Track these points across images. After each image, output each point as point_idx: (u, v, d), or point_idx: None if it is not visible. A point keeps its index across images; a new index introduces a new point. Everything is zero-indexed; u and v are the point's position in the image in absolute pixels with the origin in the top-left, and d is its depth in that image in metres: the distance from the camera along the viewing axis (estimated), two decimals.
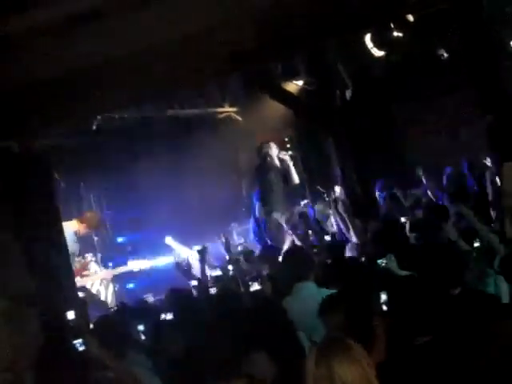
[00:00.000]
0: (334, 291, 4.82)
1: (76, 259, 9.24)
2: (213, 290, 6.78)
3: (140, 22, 5.96)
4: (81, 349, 5.11)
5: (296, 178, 10.63)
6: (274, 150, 10.72)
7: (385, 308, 4.20)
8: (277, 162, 10.61)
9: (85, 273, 9.49)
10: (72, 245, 8.67)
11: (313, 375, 3.10)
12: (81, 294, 7.55)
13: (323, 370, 3.06)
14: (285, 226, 8.97)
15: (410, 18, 10.38)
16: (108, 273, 9.91)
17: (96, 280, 9.66)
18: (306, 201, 11.81)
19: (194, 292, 7.02)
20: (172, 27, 6.03)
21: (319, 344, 3.20)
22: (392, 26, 10.50)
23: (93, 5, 5.70)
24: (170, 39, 6.12)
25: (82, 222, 9.41)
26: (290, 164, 10.59)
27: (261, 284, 6.00)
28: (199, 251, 7.58)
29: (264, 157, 10.69)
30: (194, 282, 7.25)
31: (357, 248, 7.20)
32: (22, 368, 4.89)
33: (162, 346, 5.20)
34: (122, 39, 6.03)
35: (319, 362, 3.09)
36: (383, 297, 4.23)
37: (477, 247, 5.66)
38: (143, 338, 5.75)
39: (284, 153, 10.90)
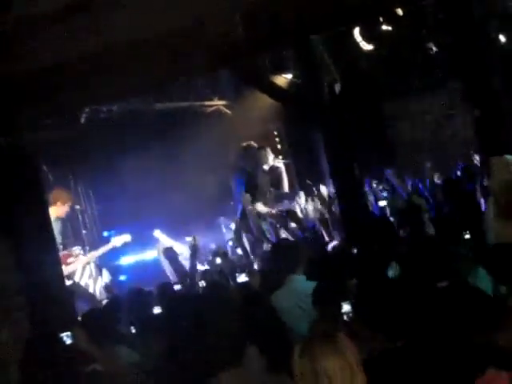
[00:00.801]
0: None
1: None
2: (201, 284, 6.80)
3: (127, 14, 5.94)
4: (69, 342, 5.11)
5: (286, 187, 10.69)
6: (269, 157, 10.87)
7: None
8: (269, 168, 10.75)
9: (69, 260, 9.47)
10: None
11: (299, 368, 3.11)
12: (69, 287, 7.51)
13: (308, 362, 3.08)
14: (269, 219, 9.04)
15: (399, 11, 10.38)
16: (92, 254, 9.90)
17: (81, 264, 9.63)
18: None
19: (182, 286, 7.04)
20: (160, 20, 6.02)
21: (305, 337, 3.21)
22: (381, 19, 10.50)
23: None
24: (159, 32, 6.10)
25: (54, 203, 9.26)
26: (283, 172, 10.71)
27: (249, 277, 6.01)
28: (190, 246, 7.62)
29: (257, 162, 10.84)
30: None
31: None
32: (9, 362, 4.89)
33: (149, 340, 5.19)
34: (108, 32, 6.01)
35: (304, 355, 3.10)
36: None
37: (465, 239, 5.69)
38: (132, 330, 5.73)
39: (278, 160, 10.98)
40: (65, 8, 5.76)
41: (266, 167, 11.21)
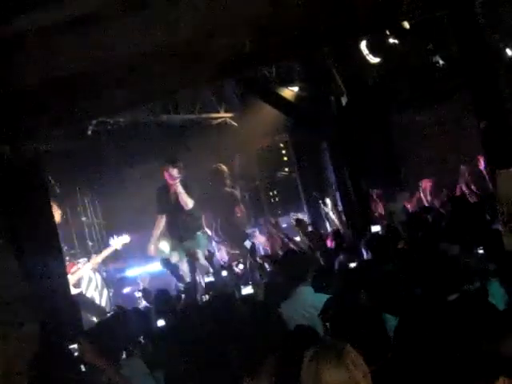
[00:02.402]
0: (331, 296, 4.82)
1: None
2: (205, 297, 6.80)
3: (136, 25, 5.96)
4: (75, 354, 5.09)
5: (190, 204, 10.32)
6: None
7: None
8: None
9: (73, 269, 9.51)
10: None
11: (304, 379, 3.09)
12: (75, 299, 7.51)
13: (312, 374, 3.06)
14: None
15: (406, 24, 10.40)
16: (95, 260, 9.92)
17: (85, 271, 9.66)
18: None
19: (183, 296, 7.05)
20: (168, 31, 6.03)
21: (311, 349, 3.19)
22: (388, 32, 10.52)
23: (90, 8, 5.71)
24: (165, 44, 6.11)
25: None
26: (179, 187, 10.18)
27: (254, 289, 5.99)
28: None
29: None
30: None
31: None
32: (18, 372, 4.88)
33: (158, 351, 5.18)
34: (116, 43, 6.02)
35: (309, 367, 3.09)
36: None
37: (477, 253, 5.66)
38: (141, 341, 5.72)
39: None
40: (72, 20, 5.77)
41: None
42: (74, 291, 8.52)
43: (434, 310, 3.80)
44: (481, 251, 5.67)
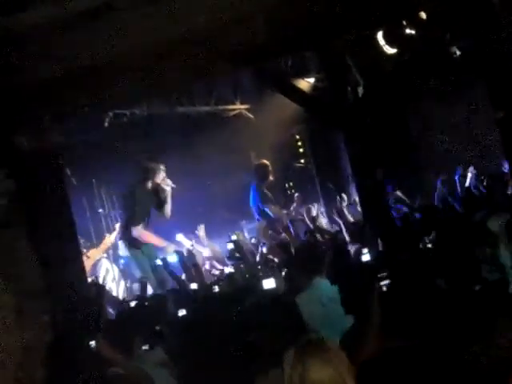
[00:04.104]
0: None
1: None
2: (217, 288, 6.82)
3: (150, 17, 5.96)
4: (91, 346, 5.12)
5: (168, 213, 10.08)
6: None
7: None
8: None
9: (88, 253, 9.62)
10: None
11: (289, 376, 3.09)
12: (94, 290, 7.56)
13: (297, 371, 3.06)
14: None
15: (423, 15, 10.33)
16: (107, 241, 10.15)
17: (92, 259, 9.74)
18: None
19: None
20: (182, 23, 6.03)
21: (296, 346, 3.19)
22: (404, 23, 10.45)
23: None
24: (181, 35, 6.11)
25: None
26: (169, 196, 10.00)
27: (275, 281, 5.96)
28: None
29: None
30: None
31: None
32: (34, 363, 4.91)
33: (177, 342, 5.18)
34: (132, 34, 6.03)
35: (295, 364, 3.09)
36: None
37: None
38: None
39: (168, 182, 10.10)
40: (79, 14, 5.78)
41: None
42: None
43: (456, 301, 3.79)
44: None
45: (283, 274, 6.50)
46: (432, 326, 3.67)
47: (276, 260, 7.81)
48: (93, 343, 5.09)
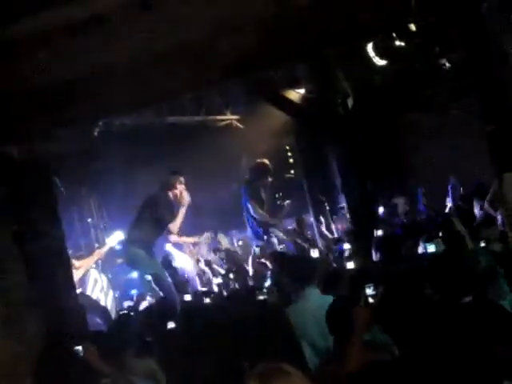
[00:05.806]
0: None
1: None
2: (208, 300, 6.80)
3: (141, 27, 5.95)
4: (81, 358, 5.07)
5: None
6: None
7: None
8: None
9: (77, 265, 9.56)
10: None
11: None
12: (81, 301, 7.50)
13: None
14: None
15: (412, 27, 10.38)
16: (91, 258, 9.98)
17: (83, 268, 9.69)
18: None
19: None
20: (173, 33, 6.02)
21: (258, 370, 3.15)
22: (394, 35, 10.50)
23: (93, 10, 5.71)
24: (172, 45, 6.10)
25: None
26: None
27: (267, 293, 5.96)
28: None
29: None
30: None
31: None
32: (22, 374, 4.86)
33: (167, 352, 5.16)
34: (122, 44, 6.02)
35: None
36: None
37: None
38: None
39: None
40: (77, 23, 5.77)
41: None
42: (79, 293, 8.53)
43: (447, 313, 3.78)
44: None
45: (274, 284, 6.49)
46: (420, 337, 3.65)
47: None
48: (82, 354, 5.05)
